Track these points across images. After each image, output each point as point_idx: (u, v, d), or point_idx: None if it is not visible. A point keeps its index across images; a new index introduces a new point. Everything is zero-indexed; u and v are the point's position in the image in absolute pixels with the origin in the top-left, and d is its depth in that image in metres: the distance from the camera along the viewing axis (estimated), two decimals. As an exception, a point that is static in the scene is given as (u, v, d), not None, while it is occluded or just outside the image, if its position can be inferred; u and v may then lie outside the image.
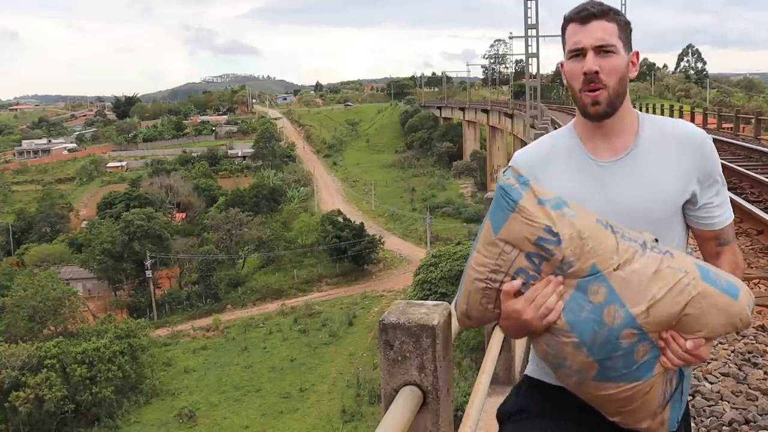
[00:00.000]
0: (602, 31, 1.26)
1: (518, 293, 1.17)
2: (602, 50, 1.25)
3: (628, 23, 1.31)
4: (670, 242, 1.28)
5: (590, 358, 1.14)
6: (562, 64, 1.35)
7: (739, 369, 3.10)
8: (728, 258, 1.37)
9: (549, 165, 1.34)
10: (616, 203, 1.28)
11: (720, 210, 1.34)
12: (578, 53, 1.28)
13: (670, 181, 1.29)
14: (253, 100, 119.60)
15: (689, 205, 1.32)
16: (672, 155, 1.30)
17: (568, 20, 1.30)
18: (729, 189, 6.73)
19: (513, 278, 1.17)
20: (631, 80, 1.34)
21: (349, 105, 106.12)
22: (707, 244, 1.38)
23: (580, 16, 1.27)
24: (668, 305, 1.13)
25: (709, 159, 1.32)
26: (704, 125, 20.38)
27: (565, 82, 1.37)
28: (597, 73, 1.25)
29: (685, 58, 76.81)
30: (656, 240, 1.20)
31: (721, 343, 3.40)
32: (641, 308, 1.12)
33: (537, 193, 1.17)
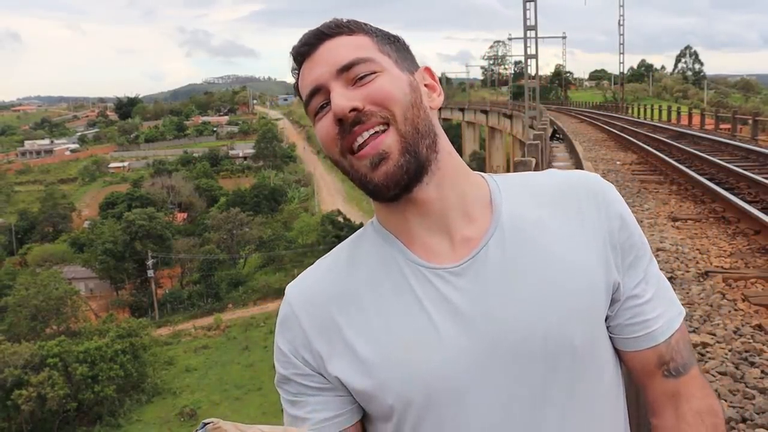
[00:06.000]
0: (342, 47, 0.73)
1: None
2: (354, 75, 0.71)
3: (395, 37, 0.78)
4: (603, 391, 0.74)
5: None
6: None
7: (737, 368, 3.10)
8: (694, 405, 0.76)
9: (355, 297, 0.74)
10: (490, 338, 0.70)
11: (656, 306, 0.76)
12: (322, 104, 0.73)
13: (582, 268, 0.72)
14: (254, 101, 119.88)
15: (609, 309, 0.75)
16: (565, 224, 0.74)
17: (295, 62, 0.76)
18: (727, 189, 6.73)
19: None
20: (438, 109, 0.77)
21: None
22: (651, 380, 0.77)
23: (304, 46, 0.75)
24: None
25: (620, 217, 0.75)
26: (702, 126, 20.44)
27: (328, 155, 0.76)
28: (357, 109, 0.70)
29: (683, 60, 76.89)
30: None
31: (718, 342, 3.46)
32: None
33: None
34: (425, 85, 0.76)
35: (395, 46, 0.76)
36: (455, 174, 0.74)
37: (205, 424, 0.63)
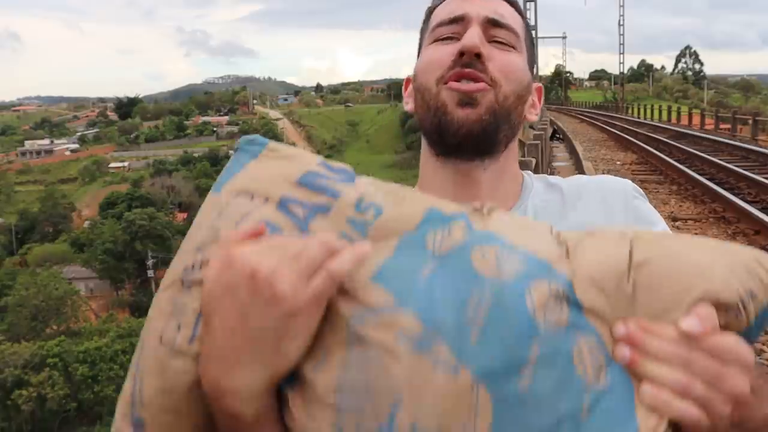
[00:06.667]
0: (501, 7, 0.73)
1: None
2: (495, 35, 0.71)
3: (531, 28, 0.80)
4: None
5: (460, 367, 0.46)
6: (407, 80, 0.78)
7: (735, 366, 3.15)
8: None
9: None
10: None
11: None
12: (451, 34, 0.71)
13: None
14: (254, 101, 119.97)
15: None
16: (582, 219, 0.70)
17: None
18: (727, 189, 6.72)
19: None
20: (529, 125, 0.83)
21: (349, 106, 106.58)
22: None
23: None
24: (601, 250, 0.51)
25: (645, 215, 0.72)
26: (702, 126, 20.45)
27: (408, 106, 0.77)
28: (481, 56, 0.68)
29: (683, 60, 76.95)
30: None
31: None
32: (557, 252, 0.51)
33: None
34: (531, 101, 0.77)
35: (530, 40, 0.77)
36: (508, 161, 0.74)
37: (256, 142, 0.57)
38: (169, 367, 0.49)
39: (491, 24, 0.71)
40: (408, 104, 0.77)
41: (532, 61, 0.76)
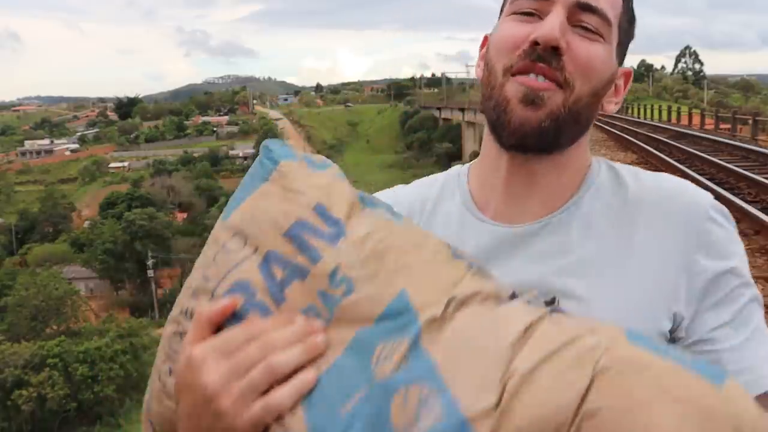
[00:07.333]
0: None
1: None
2: (582, 20, 0.62)
3: (634, 17, 0.69)
4: None
5: None
6: (486, 38, 0.71)
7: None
8: None
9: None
10: None
11: (744, 357, 0.59)
12: (532, 10, 0.63)
13: (628, 286, 0.61)
14: (254, 101, 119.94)
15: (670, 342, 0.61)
16: (634, 234, 0.62)
17: None
18: (727, 189, 6.67)
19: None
20: (604, 113, 0.70)
21: (349, 106, 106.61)
22: None
23: None
24: (548, 390, 0.44)
25: (715, 244, 0.61)
26: (702, 126, 20.45)
27: (479, 70, 0.70)
28: (558, 50, 0.60)
29: (683, 60, 76.94)
30: (553, 300, 0.51)
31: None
32: (485, 401, 0.44)
33: (319, 162, 0.59)
34: (617, 84, 0.68)
35: (630, 31, 0.68)
36: (573, 171, 0.67)
37: (276, 161, 0.59)
38: (163, 401, 0.59)
39: (580, 8, 0.61)
40: (479, 67, 0.71)
41: (627, 43, 0.67)
